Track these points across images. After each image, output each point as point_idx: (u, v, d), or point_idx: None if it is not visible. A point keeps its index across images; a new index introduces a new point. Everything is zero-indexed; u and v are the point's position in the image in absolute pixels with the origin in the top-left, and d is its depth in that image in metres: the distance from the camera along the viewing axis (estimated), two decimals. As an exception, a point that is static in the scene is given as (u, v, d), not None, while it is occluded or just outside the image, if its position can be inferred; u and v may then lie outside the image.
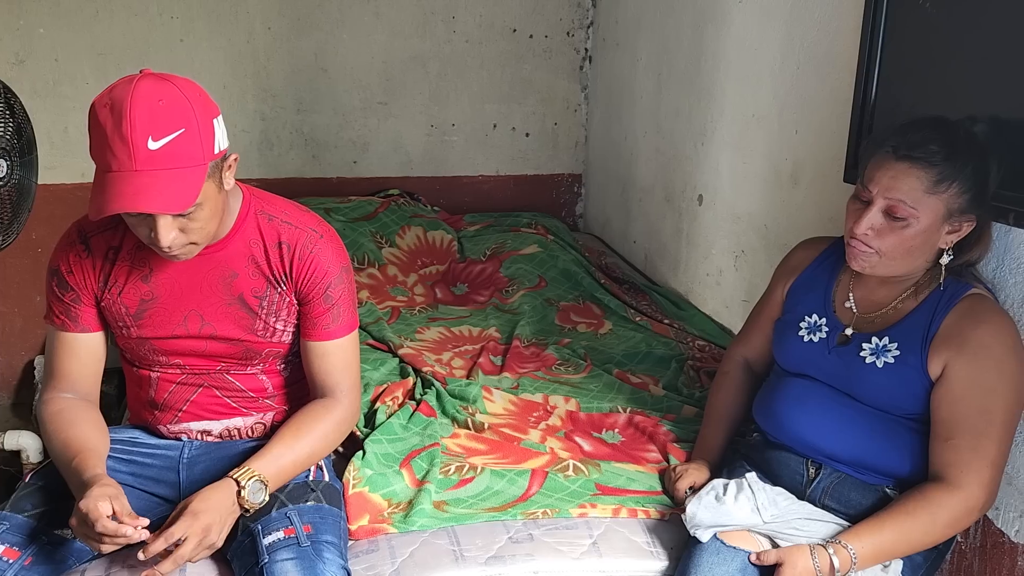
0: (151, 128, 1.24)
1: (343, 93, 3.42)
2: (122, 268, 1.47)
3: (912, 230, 1.38)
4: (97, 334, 1.51)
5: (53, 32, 3.07)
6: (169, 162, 1.26)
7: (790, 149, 2.16)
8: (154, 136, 1.24)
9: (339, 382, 1.54)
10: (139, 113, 1.23)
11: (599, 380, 2.16)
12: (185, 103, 1.28)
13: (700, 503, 1.48)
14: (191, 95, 1.29)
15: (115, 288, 1.47)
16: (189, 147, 1.27)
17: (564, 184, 3.77)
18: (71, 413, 1.46)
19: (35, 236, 3.11)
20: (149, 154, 1.24)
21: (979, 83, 1.52)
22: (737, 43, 2.40)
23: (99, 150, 1.26)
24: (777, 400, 1.58)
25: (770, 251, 2.27)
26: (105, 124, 1.25)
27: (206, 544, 1.32)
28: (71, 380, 1.50)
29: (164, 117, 1.25)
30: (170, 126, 1.25)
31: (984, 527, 1.52)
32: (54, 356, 1.51)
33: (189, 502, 1.33)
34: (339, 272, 1.51)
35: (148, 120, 1.24)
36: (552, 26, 3.54)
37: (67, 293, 1.48)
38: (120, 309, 1.48)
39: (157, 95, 1.26)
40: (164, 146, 1.25)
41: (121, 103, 1.24)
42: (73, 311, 1.48)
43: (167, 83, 1.28)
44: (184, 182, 1.27)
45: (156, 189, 1.25)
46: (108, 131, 1.24)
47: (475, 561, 1.49)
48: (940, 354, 1.39)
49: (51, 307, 1.50)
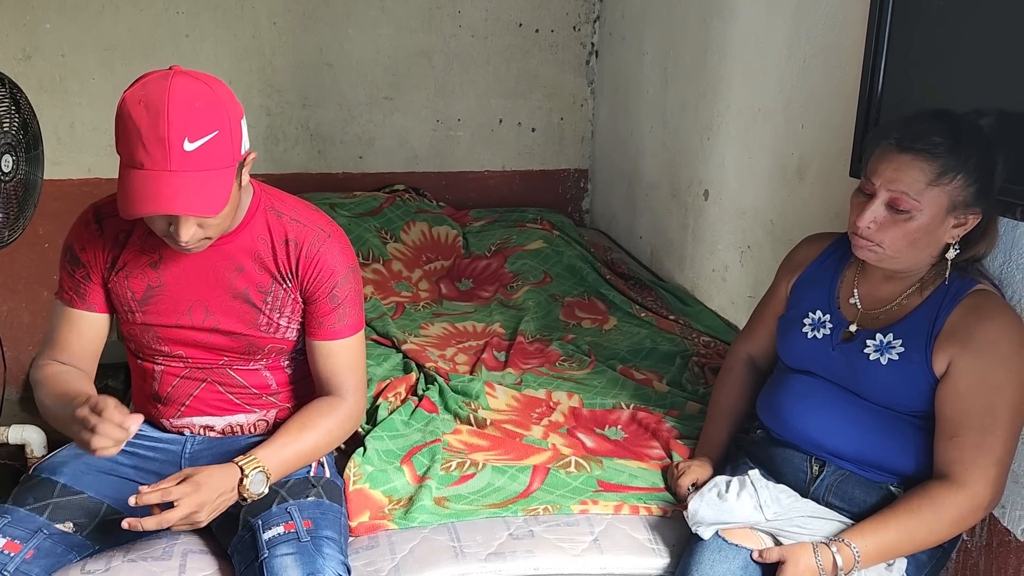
0: (188, 129, 1.24)
1: (348, 88, 3.42)
2: (131, 252, 1.48)
3: (915, 223, 1.37)
4: (102, 315, 1.52)
5: (59, 27, 3.08)
6: (202, 164, 1.27)
7: (796, 143, 2.15)
8: (191, 137, 1.25)
9: (345, 381, 1.54)
10: (177, 113, 1.24)
11: (603, 376, 2.16)
12: (220, 105, 1.29)
13: (702, 500, 1.47)
14: (224, 96, 1.31)
15: (122, 272, 1.48)
16: (222, 149, 1.29)
17: (570, 179, 3.76)
18: (68, 375, 1.47)
19: (41, 232, 3.13)
20: (184, 155, 1.25)
21: (986, 76, 1.50)
22: (743, 37, 2.38)
23: (131, 147, 1.26)
24: (781, 397, 1.57)
25: (776, 246, 2.25)
26: (140, 122, 1.24)
27: (192, 519, 1.31)
28: (69, 353, 1.51)
29: (201, 118, 1.26)
30: (206, 128, 1.26)
31: (990, 525, 1.51)
32: (57, 329, 1.52)
33: (193, 472, 1.33)
34: (346, 272, 1.51)
35: (186, 121, 1.24)
36: (558, 20, 3.53)
37: (78, 270, 1.49)
38: (127, 293, 1.49)
39: (193, 95, 1.26)
40: (200, 148, 1.26)
41: (158, 102, 1.24)
42: (82, 288, 1.50)
43: (201, 83, 1.29)
44: (215, 184, 1.29)
45: (189, 191, 1.26)
46: (144, 129, 1.24)
47: (475, 557, 1.48)
48: (945, 351, 1.38)
49: (62, 283, 1.52)
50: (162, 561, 1.42)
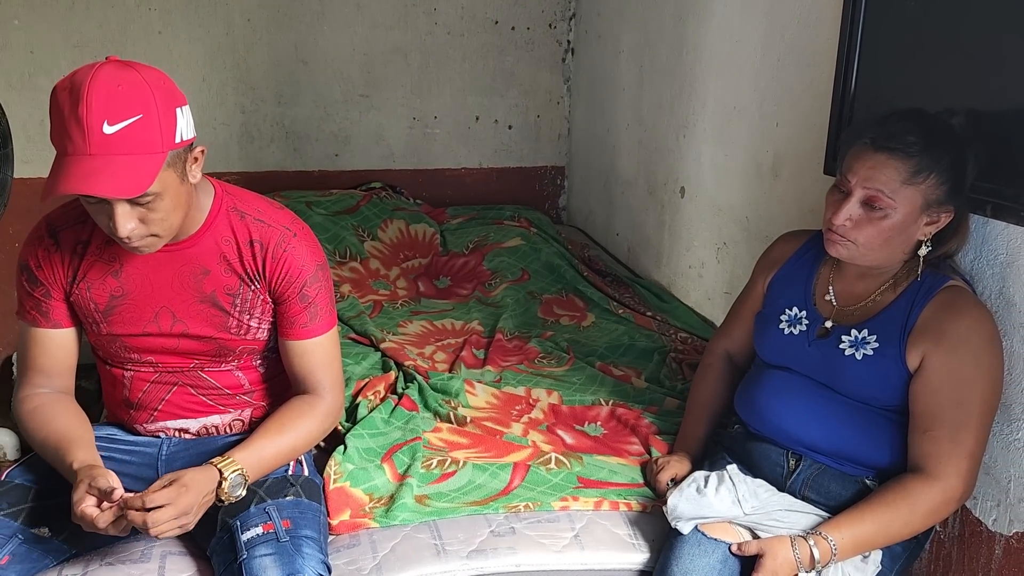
0: (107, 112, 1.22)
1: (324, 85, 3.40)
2: (91, 262, 1.45)
3: (890, 221, 1.39)
4: (69, 330, 1.49)
5: (28, 24, 3.03)
6: (124, 147, 1.23)
7: (771, 141, 2.17)
8: (110, 120, 1.22)
9: (322, 379, 1.52)
10: (96, 96, 1.21)
11: (582, 373, 2.16)
12: (146, 89, 1.25)
13: (681, 495, 1.49)
14: (153, 82, 1.27)
15: (84, 283, 1.45)
16: (146, 134, 1.25)
17: (547, 177, 3.77)
18: (48, 408, 1.45)
19: (12, 231, 3.08)
20: (104, 138, 1.22)
21: (957, 76, 1.52)
22: (719, 35, 2.40)
23: (57, 133, 1.25)
24: (758, 392, 1.59)
25: (751, 243, 2.28)
26: (63, 106, 1.23)
27: (182, 523, 1.29)
28: (46, 374, 1.49)
29: (122, 102, 1.23)
30: (127, 111, 1.23)
31: (962, 517, 1.54)
32: (27, 352, 1.49)
33: (177, 476, 1.30)
34: (314, 270, 1.49)
35: (105, 104, 1.22)
36: (534, 18, 3.53)
37: (37, 288, 1.46)
38: (89, 305, 1.46)
39: (117, 80, 1.23)
40: (120, 131, 1.22)
41: (80, 86, 1.22)
42: (44, 306, 1.46)
43: (130, 69, 1.26)
44: (139, 168, 1.25)
45: (108, 173, 1.22)
46: (65, 114, 1.22)
47: (457, 555, 1.49)
48: (918, 346, 1.40)
49: (22, 303, 1.48)
50: (141, 564, 1.41)
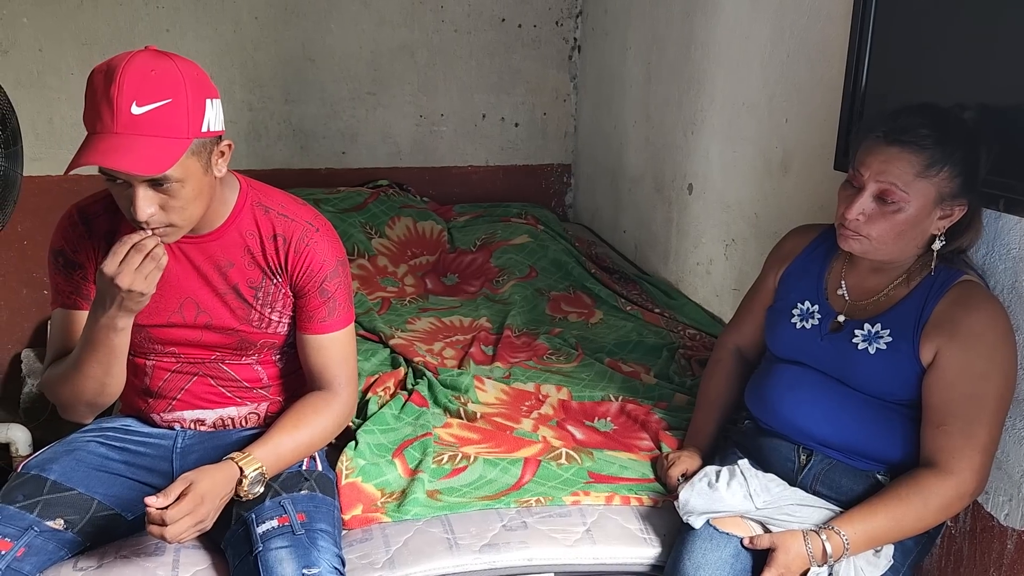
0: (137, 94, 1.24)
1: (331, 83, 3.40)
2: None
3: (903, 215, 1.39)
4: None
5: (37, 21, 3.04)
6: (150, 129, 1.25)
7: (780, 137, 2.17)
8: (139, 102, 1.24)
9: (336, 375, 1.53)
10: (129, 79, 1.24)
11: (590, 369, 2.17)
12: (178, 76, 1.28)
13: (693, 490, 1.49)
14: (186, 71, 1.29)
15: None
16: (173, 118, 1.27)
17: (554, 174, 3.77)
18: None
19: (21, 229, 3.09)
20: (131, 118, 1.24)
21: (969, 70, 1.52)
22: (727, 31, 2.40)
23: (88, 113, 1.27)
24: (769, 387, 1.59)
25: (760, 240, 2.27)
26: (97, 87, 1.25)
27: (201, 528, 1.31)
28: None
29: (153, 85, 1.25)
30: (157, 94, 1.25)
31: (974, 511, 1.53)
32: (62, 336, 1.48)
33: (195, 481, 1.31)
34: (335, 266, 1.51)
35: (136, 86, 1.24)
36: (541, 15, 3.53)
37: (75, 271, 1.47)
38: None
39: (151, 65, 1.26)
40: (147, 112, 1.24)
41: (115, 69, 1.25)
42: (84, 289, 1.47)
43: (166, 58, 1.29)
44: (162, 150, 1.26)
45: (131, 150, 1.24)
46: (98, 94, 1.25)
47: (469, 549, 1.49)
48: (932, 340, 1.40)
49: (59, 289, 1.48)
50: (155, 557, 1.42)
